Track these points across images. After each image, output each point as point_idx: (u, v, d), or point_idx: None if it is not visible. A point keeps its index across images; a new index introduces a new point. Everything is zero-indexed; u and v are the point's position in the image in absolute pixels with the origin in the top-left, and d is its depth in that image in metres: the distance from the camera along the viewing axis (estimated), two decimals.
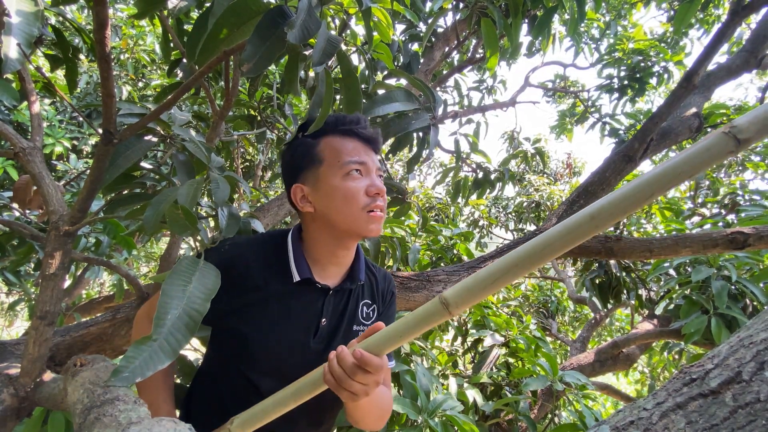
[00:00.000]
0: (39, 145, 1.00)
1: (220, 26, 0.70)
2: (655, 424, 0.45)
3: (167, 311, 0.62)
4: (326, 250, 0.86)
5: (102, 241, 1.88)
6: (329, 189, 0.81)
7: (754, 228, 1.39)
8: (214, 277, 0.71)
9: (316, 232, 0.86)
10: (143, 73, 4.31)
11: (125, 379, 0.56)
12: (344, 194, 0.80)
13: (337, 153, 0.83)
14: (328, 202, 0.81)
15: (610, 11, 4.24)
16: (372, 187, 0.82)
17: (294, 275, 0.83)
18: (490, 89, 4.12)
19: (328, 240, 0.85)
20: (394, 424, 1.69)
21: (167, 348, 0.59)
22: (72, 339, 1.27)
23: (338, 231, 0.83)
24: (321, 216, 0.83)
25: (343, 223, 0.81)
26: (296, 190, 0.85)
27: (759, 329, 0.47)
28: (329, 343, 0.87)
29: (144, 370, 0.57)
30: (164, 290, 0.65)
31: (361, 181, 0.82)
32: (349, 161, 0.81)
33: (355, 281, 0.89)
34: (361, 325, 0.92)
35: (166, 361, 0.59)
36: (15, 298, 3.26)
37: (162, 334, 0.60)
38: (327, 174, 0.82)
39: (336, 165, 0.82)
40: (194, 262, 0.72)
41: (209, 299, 0.66)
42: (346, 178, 0.81)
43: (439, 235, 2.61)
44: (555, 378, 1.83)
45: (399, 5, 1.58)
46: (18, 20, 0.72)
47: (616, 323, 5.63)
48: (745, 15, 1.69)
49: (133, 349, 0.58)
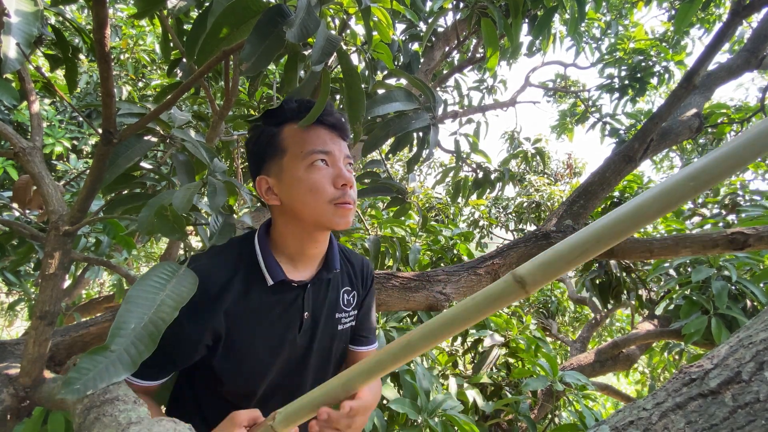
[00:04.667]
0: (39, 145, 1.00)
1: (220, 25, 0.70)
2: (655, 424, 0.45)
3: (129, 320, 0.58)
4: (296, 244, 0.82)
5: (102, 241, 1.88)
6: (293, 181, 0.77)
7: (755, 228, 1.39)
8: (191, 285, 0.67)
9: (284, 226, 0.82)
10: (143, 73, 4.32)
11: (76, 392, 0.52)
12: (309, 186, 0.76)
13: (300, 142, 0.78)
14: (294, 195, 0.77)
15: (611, 11, 4.24)
16: (339, 178, 0.77)
17: (267, 280, 0.79)
18: (490, 89, 4.12)
19: (297, 233, 0.81)
20: (394, 424, 1.69)
21: (126, 359, 0.55)
22: (72, 339, 1.27)
23: (306, 224, 0.79)
24: (288, 209, 0.79)
25: (310, 217, 0.77)
26: (261, 182, 0.81)
27: (758, 329, 0.47)
28: (313, 333, 0.86)
29: (97, 382, 0.53)
30: (130, 296, 0.61)
31: (327, 171, 0.77)
32: (312, 150, 0.77)
33: (330, 270, 0.87)
34: (343, 312, 0.91)
35: (123, 374, 0.55)
36: (15, 298, 3.27)
37: (121, 344, 0.56)
38: (290, 165, 0.77)
39: (299, 155, 0.77)
40: (172, 267, 0.69)
41: (179, 308, 0.62)
42: (310, 169, 0.76)
43: (440, 235, 2.60)
44: (555, 378, 1.82)
45: (399, 5, 1.58)
46: (17, 20, 0.72)
47: (617, 323, 5.63)
48: (745, 15, 1.69)
49: (88, 360, 0.54)
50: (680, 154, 5.83)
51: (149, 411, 0.61)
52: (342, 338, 0.92)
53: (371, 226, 2.56)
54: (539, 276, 0.49)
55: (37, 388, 0.86)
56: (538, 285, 0.49)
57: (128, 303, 0.60)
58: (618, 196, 3.14)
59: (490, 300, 0.51)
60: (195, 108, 2.42)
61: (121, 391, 0.62)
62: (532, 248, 1.63)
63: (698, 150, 4.97)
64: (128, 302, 0.60)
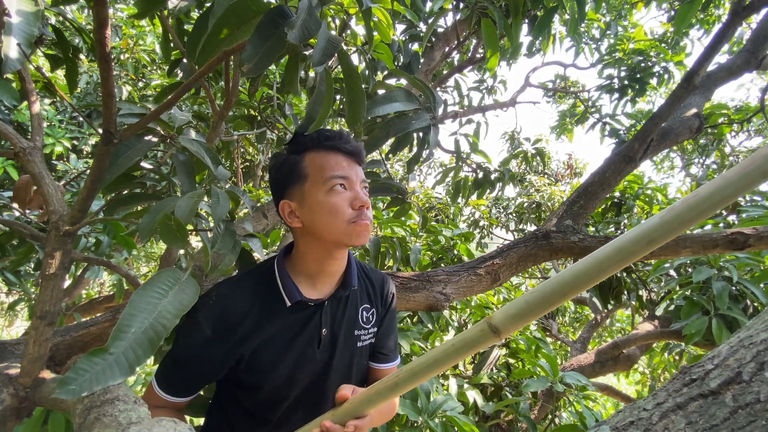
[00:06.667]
0: (39, 145, 1.00)
1: (221, 26, 0.70)
2: (655, 424, 0.45)
3: (131, 324, 0.58)
4: (316, 263, 0.87)
5: (102, 241, 1.88)
6: (314, 204, 0.83)
7: (755, 228, 1.38)
8: (193, 293, 0.69)
9: (305, 246, 0.88)
10: (143, 73, 4.32)
11: (71, 392, 0.52)
12: (329, 209, 0.82)
13: (320, 169, 0.84)
14: (315, 217, 0.83)
15: (611, 11, 4.24)
16: (356, 201, 0.84)
17: (286, 301, 0.84)
18: (490, 89, 4.12)
19: (318, 252, 0.86)
20: (394, 425, 1.69)
21: (124, 363, 0.55)
22: (72, 339, 1.26)
23: (326, 243, 0.85)
24: (309, 230, 0.85)
25: (330, 236, 0.83)
26: (284, 206, 0.87)
27: (759, 330, 0.47)
28: (333, 349, 0.89)
29: (93, 385, 0.53)
30: (133, 301, 0.62)
31: (345, 194, 0.84)
32: (332, 176, 0.83)
33: (348, 287, 0.91)
34: (362, 330, 0.94)
35: (119, 378, 0.55)
36: (15, 298, 3.27)
37: (120, 348, 0.56)
38: (312, 190, 0.84)
39: (320, 181, 0.83)
40: (176, 275, 0.70)
41: (180, 315, 0.63)
42: (330, 193, 0.83)
43: (440, 235, 2.60)
44: (555, 379, 1.82)
45: (399, 5, 1.58)
46: (18, 20, 0.72)
47: (617, 324, 5.62)
48: (745, 15, 1.69)
49: (85, 361, 0.54)
50: (680, 154, 5.83)
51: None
52: (362, 355, 0.96)
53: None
54: (510, 325, 0.56)
55: (38, 388, 0.86)
56: (510, 332, 0.57)
57: (132, 307, 0.61)
58: (618, 196, 3.15)
59: (468, 345, 0.59)
60: (195, 108, 2.42)
61: (122, 391, 0.63)
62: (532, 248, 1.63)
63: (698, 150, 4.97)
64: (132, 306, 0.61)
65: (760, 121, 5.16)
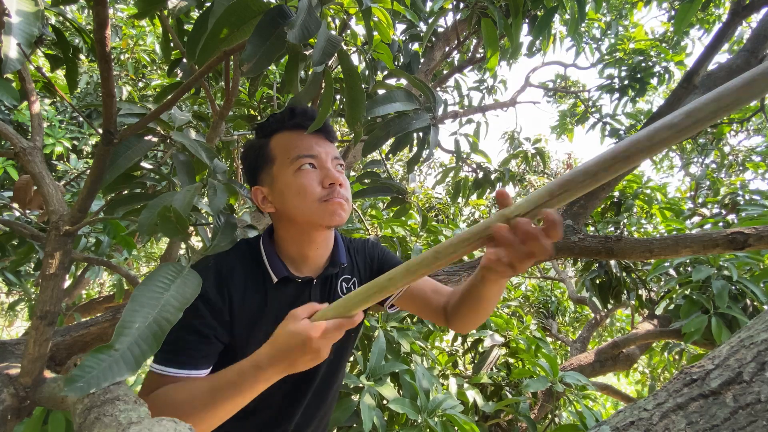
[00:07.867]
0: (39, 145, 1.00)
1: (221, 26, 0.70)
2: (656, 424, 0.45)
3: (134, 319, 0.58)
4: (296, 248, 0.85)
5: (102, 241, 1.88)
6: (283, 186, 0.80)
7: (754, 228, 1.38)
8: (195, 285, 0.68)
9: (282, 231, 0.85)
10: (143, 73, 4.32)
11: (79, 390, 0.52)
12: (297, 190, 0.79)
13: (286, 149, 0.81)
14: (285, 200, 0.80)
15: (611, 11, 4.24)
16: (326, 178, 0.80)
17: (272, 276, 0.82)
18: (490, 89, 4.12)
19: (296, 237, 0.84)
20: (394, 424, 1.69)
21: (129, 359, 0.56)
22: (72, 339, 1.27)
23: (301, 226, 0.82)
24: (282, 214, 0.83)
25: (302, 217, 0.80)
26: (256, 192, 0.85)
27: (759, 329, 0.47)
28: None
29: (100, 381, 0.53)
30: (135, 296, 0.61)
31: (315, 173, 0.80)
32: (299, 156, 0.80)
33: (337, 265, 0.89)
34: None
35: (126, 373, 0.55)
36: (15, 298, 3.27)
37: (125, 344, 0.56)
38: (280, 172, 0.81)
39: (287, 162, 0.80)
40: (177, 267, 0.69)
41: (183, 309, 0.63)
42: (298, 174, 0.79)
43: (440, 235, 2.60)
44: (555, 378, 1.83)
45: (399, 5, 1.58)
46: (18, 20, 0.72)
47: (617, 323, 5.62)
48: (745, 15, 1.69)
49: (91, 358, 0.54)
50: (680, 153, 5.83)
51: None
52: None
53: (371, 226, 2.56)
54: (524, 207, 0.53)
55: (38, 388, 0.86)
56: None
57: (134, 302, 0.60)
58: (618, 195, 3.15)
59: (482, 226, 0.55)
60: (195, 108, 2.42)
61: (122, 390, 0.62)
62: None
63: (698, 149, 4.98)
64: (134, 302, 0.60)
65: (760, 120, 5.16)
